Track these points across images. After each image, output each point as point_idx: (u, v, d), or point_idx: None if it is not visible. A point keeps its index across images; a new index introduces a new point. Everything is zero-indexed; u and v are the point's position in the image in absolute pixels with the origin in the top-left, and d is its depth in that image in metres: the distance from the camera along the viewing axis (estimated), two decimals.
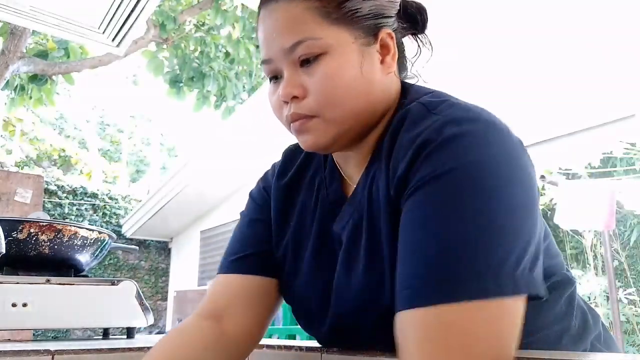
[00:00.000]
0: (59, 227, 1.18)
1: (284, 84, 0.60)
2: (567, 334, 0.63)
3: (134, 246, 1.89)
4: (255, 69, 6.66)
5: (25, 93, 5.67)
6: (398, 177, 0.54)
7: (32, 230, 1.15)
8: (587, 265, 5.94)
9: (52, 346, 0.77)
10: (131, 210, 8.88)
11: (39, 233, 1.16)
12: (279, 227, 0.73)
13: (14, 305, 1.01)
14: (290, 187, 0.74)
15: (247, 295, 0.69)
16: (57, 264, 1.22)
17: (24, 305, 1.02)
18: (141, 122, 19.28)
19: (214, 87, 6.29)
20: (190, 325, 0.66)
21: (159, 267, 9.16)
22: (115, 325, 1.14)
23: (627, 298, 5.53)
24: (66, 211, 8.65)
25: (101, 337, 1.18)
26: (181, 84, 6.37)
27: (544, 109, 2.96)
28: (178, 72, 6.37)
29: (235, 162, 5.73)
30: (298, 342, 0.83)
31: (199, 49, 6.53)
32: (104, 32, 2.51)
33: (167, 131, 19.32)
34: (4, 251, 0.97)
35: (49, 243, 1.17)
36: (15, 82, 5.54)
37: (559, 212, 3.43)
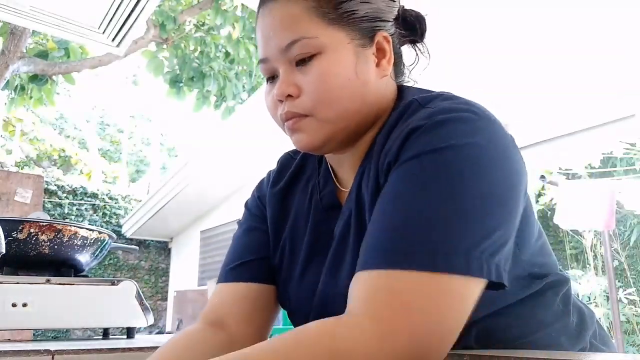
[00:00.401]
0: (59, 227, 1.18)
1: (279, 82, 0.61)
2: (566, 331, 0.63)
3: (134, 246, 1.89)
4: (255, 69, 6.66)
5: (25, 93, 5.67)
6: (387, 163, 0.55)
7: (32, 230, 1.15)
8: (587, 265, 5.94)
9: (52, 346, 0.77)
10: (131, 210, 8.87)
11: (39, 233, 1.16)
12: (275, 233, 0.73)
13: (14, 305, 1.01)
14: (285, 192, 0.74)
15: (247, 303, 0.69)
16: (57, 264, 1.22)
17: (24, 305, 1.02)
18: (141, 122, 19.28)
19: (214, 87, 6.28)
20: (195, 330, 0.67)
21: (159, 267, 9.16)
22: (115, 325, 1.14)
23: (627, 298, 5.53)
24: (66, 211, 8.64)
25: (101, 337, 1.18)
26: (181, 84, 6.37)
27: (544, 109, 2.96)
28: (178, 72, 6.36)
29: (235, 162, 5.73)
30: None
31: (199, 49, 6.52)
32: (104, 32, 2.51)
33: (167, 131, 19.33)
34: (4, 251, 0.97)
35: (49, 243, 1.17)
36: (16, 82, 5.54)
37: (559, 212, 3.43)
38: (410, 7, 0.69)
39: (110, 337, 1.18)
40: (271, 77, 0.63)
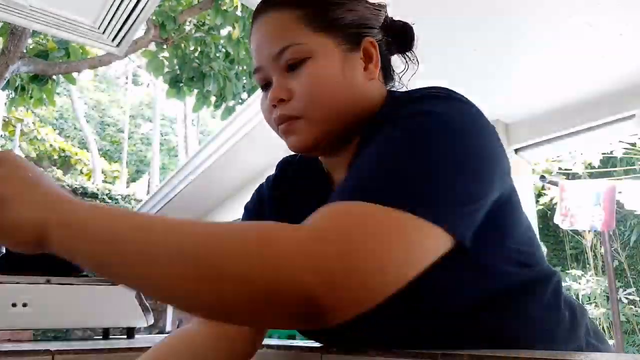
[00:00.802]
0: None
1: (272, 88, 0.64)
2: (560, 326, 0.63)
3: None
4: None
5: (25, 93, 5.67)
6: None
7: None
8: (587, 265, 5.94)
9: (52, 346, 0.78)
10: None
11: None
12: None
13: (14, 305, 1.01)
14: (285, 196, 0.75)
15: None
16: (57, 264, 1.22)
17: (24, 305, 1.02)
18: (141, 122, 19.29)
19: (214, 87, 6.28)
20: (192, 328, 0.68)
21: None
22: (115, 325, 1.14)
23: (627, 298, 5.53)
24: None
25: (101, 337, 1.18)
26: (181, 84, 6.37)
27: (544, 109, 2.96)
28: (178, 72, 6.36)
29: (236, 162, 5.73)
30: (298, 342, 0.83)
31: (199, 49, 6.52)
32: (104, 32, 2.51)
33: (167, 131, 19.32)
34: (4, 251, 0.97)
35: None
36: (16, 82, 5.54)
37: (559, 212, 3.43)
38: (398, 19, 0.72)
39: (111, 337, 1.18)
40: (265, 86, 0.67)
